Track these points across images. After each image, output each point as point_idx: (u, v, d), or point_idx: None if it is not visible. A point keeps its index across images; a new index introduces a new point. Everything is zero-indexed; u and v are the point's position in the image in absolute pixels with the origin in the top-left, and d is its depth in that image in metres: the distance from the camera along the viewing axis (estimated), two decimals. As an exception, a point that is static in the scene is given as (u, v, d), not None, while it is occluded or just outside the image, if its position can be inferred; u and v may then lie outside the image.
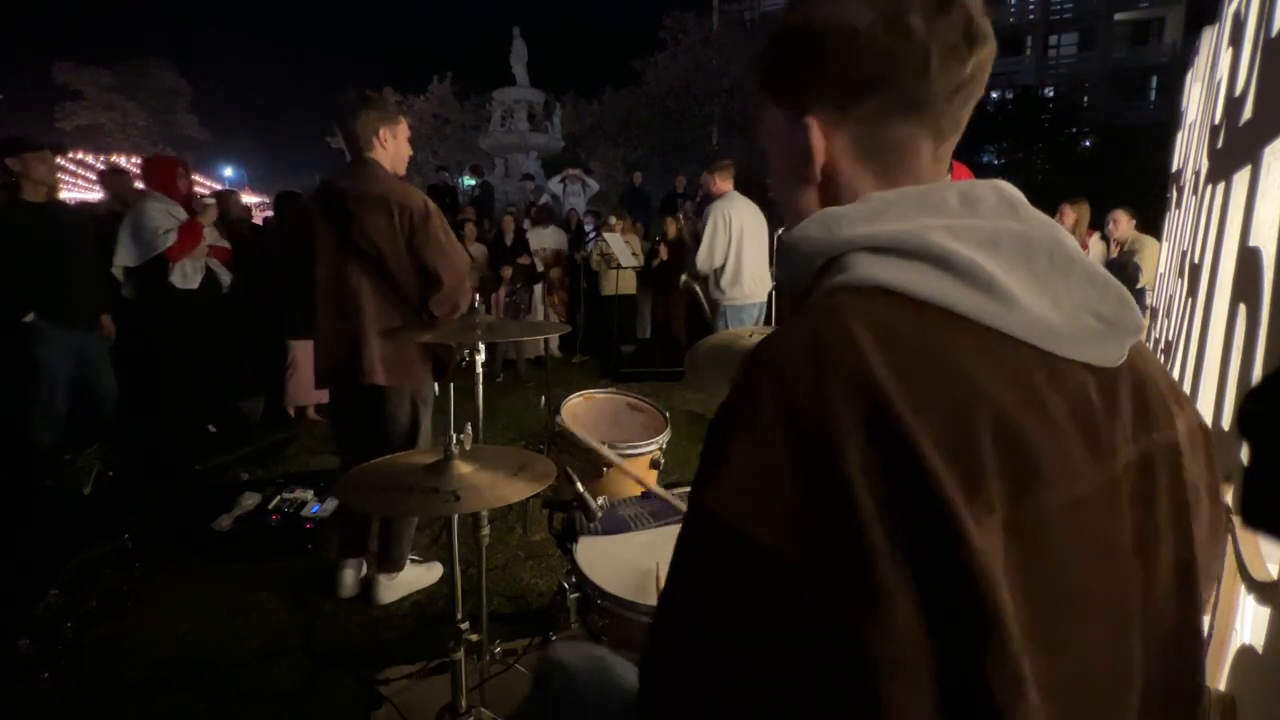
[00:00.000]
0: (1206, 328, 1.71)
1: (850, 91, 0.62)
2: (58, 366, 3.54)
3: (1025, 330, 0.54)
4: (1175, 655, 0.60)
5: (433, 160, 21.11)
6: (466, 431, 1.63)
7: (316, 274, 2.48)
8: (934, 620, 0.45)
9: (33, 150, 3.42)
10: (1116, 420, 0.57)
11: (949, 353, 0.51)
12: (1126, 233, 5.10)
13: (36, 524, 2.85)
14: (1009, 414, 0.50)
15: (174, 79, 28.42)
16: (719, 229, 4.26)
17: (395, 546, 2.66)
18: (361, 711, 2.07)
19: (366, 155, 2.48)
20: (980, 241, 0.56)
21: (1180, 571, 0.61)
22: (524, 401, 5.61)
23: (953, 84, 0.60)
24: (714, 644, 0.49)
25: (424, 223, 2.42)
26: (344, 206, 2.42)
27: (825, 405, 0.47)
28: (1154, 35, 26.03)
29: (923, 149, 0.63)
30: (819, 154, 0.64)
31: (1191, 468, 0.62)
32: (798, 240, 0.61)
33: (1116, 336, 0.58)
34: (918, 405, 0.48)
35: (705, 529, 0.51)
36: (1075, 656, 0.53)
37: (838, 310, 0.53)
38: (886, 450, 0.46)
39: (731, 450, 0.50)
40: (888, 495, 0.46)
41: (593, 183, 12.63)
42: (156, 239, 3.98)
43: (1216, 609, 1.09)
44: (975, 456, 0.48)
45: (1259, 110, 1.47)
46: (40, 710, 2.13)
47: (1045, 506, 0.51)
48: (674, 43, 21.42)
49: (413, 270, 2.45)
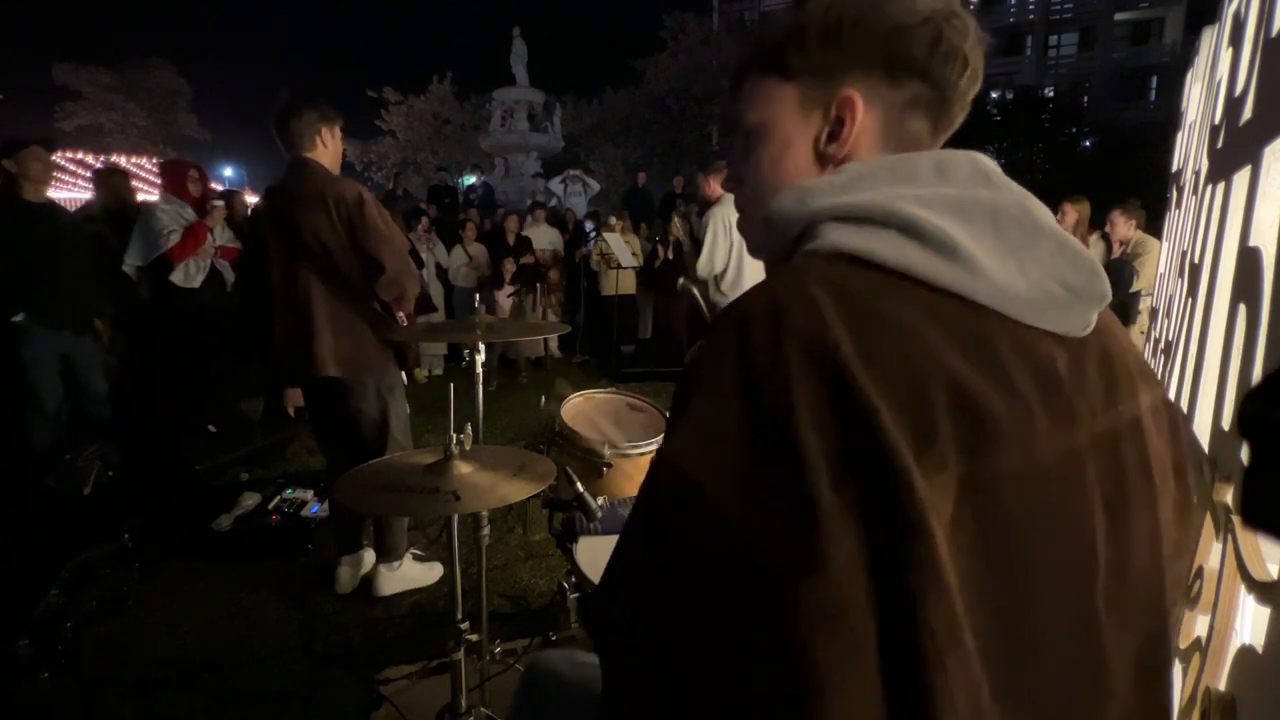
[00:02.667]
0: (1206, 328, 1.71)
1: (903, 70, 0.63)
2: (44, 367, 3.52)
3: (989, 297, 0.55)
4: (1145, 630, 0.60)
5: (433, 160, 21.12)
6: (466, 431, 1.63)
7: (270, 278, 2.51)
8: (876, 569, 0.46)
9: (26, 148, 3.41)
10: (1083, 391, 0.57)
11: (907, 317, 0.52)
12: (1126, 233, 5.07)
13: (36, 524, 2.85)
14: (965, 377, 0.51)
15: (174, 79, 28.39)
16: (719, 234, 4.27)
17: (389, 536, 2.68)
18: (361, 711, 2.07)
19: (305, 156, 2.50)
20: (949, 209, 0.57)
21: (1151, 546, 0.61)
22: (524, 401, 5.62)
23: (968, 94, 0.65)
24: (656, 582, 0.51)
25: (359, 211, 2.43)
26: (284, 208, 2.46)
27: (779, 360, 0.49)
28: (1154, 35, 26.03)
29: (927, 146, 0.66)
30: (856, 128, 0.64)
31: (1156, 444, 0.62)
32: (774, 212, 0.63)
33: (1081, 305, 0.58)
34: (872, 363, 0.49)
35: (660, 473, 0.54)
36: (1029, 621, 0.53)
37: (801, 273, 0.55)
38: (837, 404, 0.48)
39: (692, 401, 0.53)
40: (835, 446, 0.47)
41: (593, 183, 12.65)
42: (160, 239, 4.01)
43: (1216, 609, 1.09)
44: (928, 414, 0.49)
45: (1259, 110, 1.47)
46: (40, 710, 2.13)
47: (1001, 469, 0.51)
48: (674, 43, 21.44)
49: (357, 260, 2.47)
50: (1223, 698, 1.02)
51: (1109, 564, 0.57)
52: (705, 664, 0.49)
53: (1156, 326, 3.76)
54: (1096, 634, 0.57)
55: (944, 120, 0.66)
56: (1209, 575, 1.14)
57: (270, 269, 2.52)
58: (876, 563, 0.46)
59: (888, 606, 0.46)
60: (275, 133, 2.53)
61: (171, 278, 4.12)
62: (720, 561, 0.48)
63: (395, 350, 2.65)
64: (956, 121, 0.66)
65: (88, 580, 2.59)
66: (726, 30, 22.67)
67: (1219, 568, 1.09)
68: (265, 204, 2.56)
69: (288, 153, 2.52)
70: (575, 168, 14.01)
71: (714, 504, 0.48)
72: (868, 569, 0.46)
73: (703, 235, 4.35)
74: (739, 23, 24.15)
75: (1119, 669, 0.58)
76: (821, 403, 0.48)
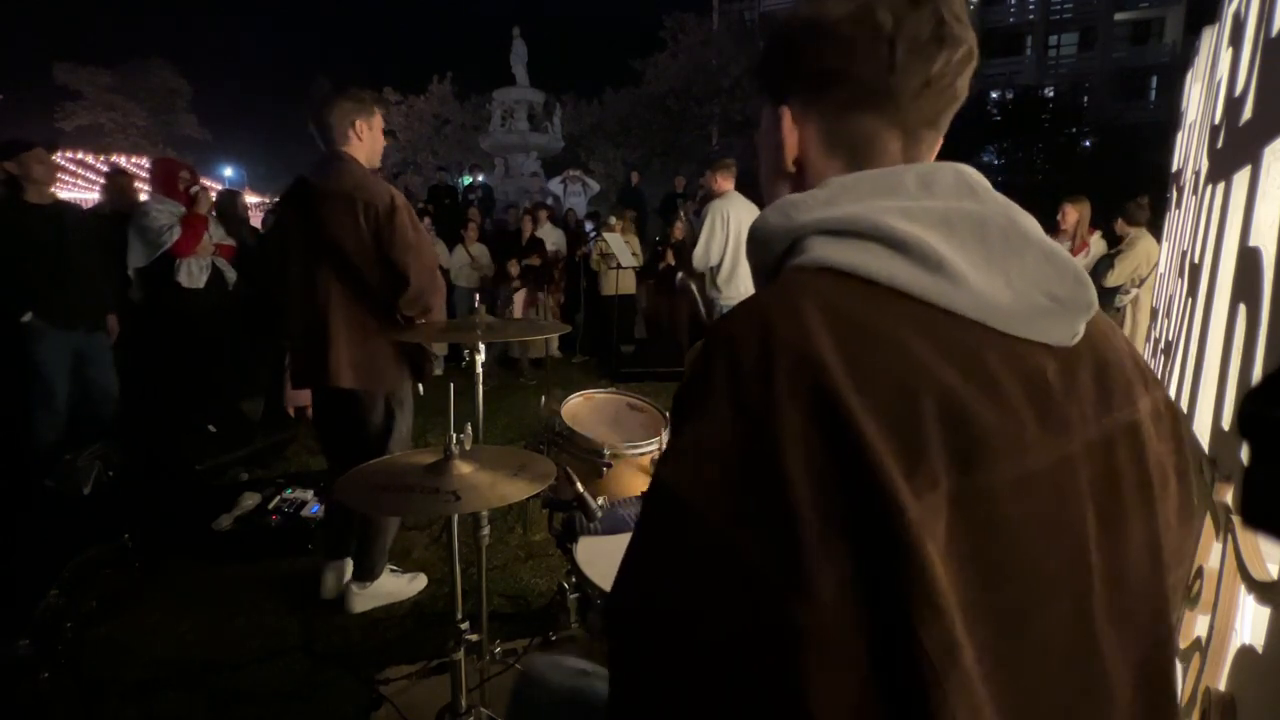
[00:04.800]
0: (1206, 328, 1.71)
1: (817, 81, 0.64)
2: (56, 367, 3.54)
3: (974, 309, 0.55)
4: (1146, 638, 0.60)
5: (433, 160, 21.11)
6: (466, 431, 1.63)
7: (289, 273, 2.43)
8: (866, 591, 0.46)
9: (28, 150, 3.42)
10: (1074, 399, 0.57)
11: (894, 331, 0.52)
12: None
13: (36, 524, 2.86)
14: (954, 391, 0.51)
15: (174, 79, 28.37)
16: (717, 227, 4.27)
17: (367, 557, 2.58)
18: (361, 711, 2.07)
19: (340, 149, 2.41)
20: (933, 222, 0.57)
21: (1151, 551, 0.61)
22: (524, 401, 5.62)
23: (919, 80, 0.61)
24: (655, 600, 0.52)
25: (390, 219, 2.32)
26: (310, 205, 2.37)
27: (767, 381, 0.49)
28: (1154, 35, 26.02)
29: (890, 145, 0.64)
30: (790, 144, 0.67)
31: (1157, 448, 0.62)
32: (759, 228, 0.63)
33: (1068, 315, 0.58)
34: (860, 382, 0.49)
35: (655, 496, 0.54)
36: (1028, 630, 0.53)
37: (787, 290, 0.55)
38: (825, 424, 0.48)
39: (685, 423, 0.54)
40: (823, 467, 0.47)
41: (593, 183, 12.65)
42: (161, 237, 4.01)
43: (1216, 609, 1.09)
44: (917, 432, 0.49)
45: (1259, 110, 1.47)
46: (40, 710, 2.13)
47: (993, 481, 0.51)
48: (674, 43, 21.41)
49: (381, 269, 2.37)
50: (1223, 698, 1.02)
51: (1104, 572, 0.57)
52: (704, 688, 0.49)
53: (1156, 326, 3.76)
54: (1095, 643, 0.56)
55: (906, 115, 0.63)
56: (1209, 575, 1.14)
57: (289, 263, 2.44)
58: (868, 585, 0.46)
59: (882, 629, 0.46)
60: (310, 123, 2.44)
61: (178, 278, 4.13)
62: (714, 586, 0.48)
63: (411, 362, 2.56)
64: (929, 116, 0.64)
65: (88, 580, 2.59)
66: (726, 30, 22.63)
67: (1219, 568, 1.09)
68: (290, 195, 2.47)
69: (323, 145, 2.44)
70: (575, 168, 14.00)
71: (706, 529, 0.49)
72: (858, 591, 0.46)
73: (700, 228, 4.36)
74: (739, 23, 24.09)
75: (1120, 678, 0.58)
76: (809, 426, 0.48)
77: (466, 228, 7.22)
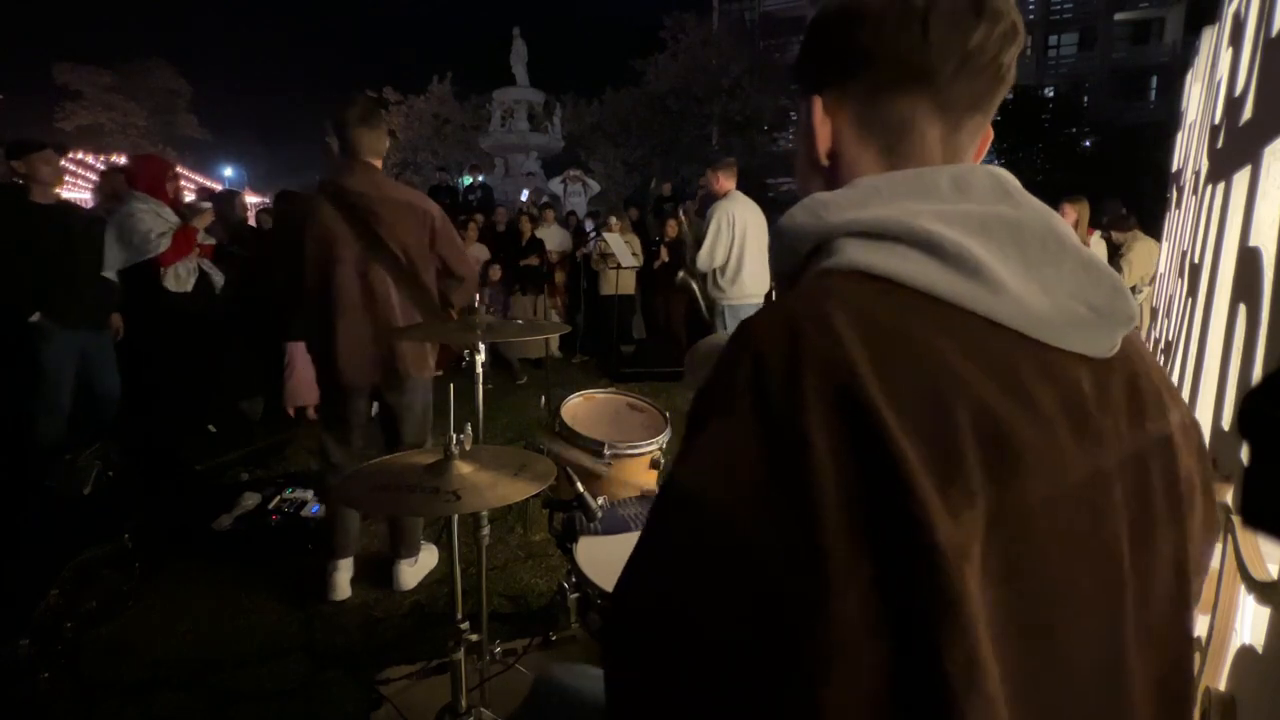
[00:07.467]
0: (1206, 328, 1.71)
1: (849, 64, 0.62)
2: (63, 366, 3.54)
3: (1011, 317, 0.53)
4: (1166, 653, 0.59)
5: (433, 160, 21.12)
6: (466, 431, 1.62)
7: (336, 277, 2.51)
8: (892, 605, 0.45)
9: (36, 151, 3.42)
10: (1108, 412, 0.56)
11: (929, 338, 0.50)
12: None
13: (36, 524, 2.85)
14: (990, 403, 0.49)
15: (174, 79, 28.42)
16: (723, 228, 4.25)
17: (411, 534, 2.78)
18: (361, 711, 2.07)
19: (371, 161, 2.56)
20: (970, 227, 0.55)
21: (1176, 567, 0.60)
22: (523, 401, 5.62)
23: (956, 54, 0.58)
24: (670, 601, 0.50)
25: (444, 225, 2.64)
26: (369, 209, 2.50)
27: (796, 388, 0.47)
28: (1154, 35, 26.04)
29: (928, 130, 0.61)
30: (822, 135, 0.64)
31: (1185, 461, 0.61)
32: (785, 227, 0.61)
33: (1107, 326, 0.56)
34: (892, 391, 0.47)
35: (673, 498, 0.52)
36: (1058, 649, 0.52)
37: (818, 293, 0.53)
38: (855, 434, 0.46)
39: (706, 427, 0.51)
40: (852, 478, 0.45)
41: (593, 183, 12.65)
42: (148, 243, 3.86)
43: (1216, 609, 1.09)
44: (953, 444, 0.47)
45: (1259, 110, 1.47)
46: (40, 710, 2.13)
47: (1029, 497, 0.50)
48: (674, 43, 21.43)
49: (433, 268, 2.64)
50: (1223, 698, 1.02)
51: (1135, 589, 0.56)
52: (711, 691, 0.48)
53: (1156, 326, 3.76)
54: (1123, 661, 0.55)
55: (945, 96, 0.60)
56: (1209, 575, 1.14)
57: (335, 267, 2.50)
58: (893, 602, 0.45)
59: (904, 646, 0.45)
60: (340, 130, 2.52)
61: (164, 283, 4.06)
62: (731, 592, 0.47)
63: (442, 349, 2.83)
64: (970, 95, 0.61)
65: (88, 580, 2.59)
66: (727, 30, 22.65)
67: (1219, 568, 1.09)
68: (334, 201, 2.50)
69: (343, 152, 2.54)
70: (575, 168, 14.00)
71: (726, 533, 0.47)
72: (882, 607, 0.44)
73: (705, 229, 4.34)
74: (739, 23, 24.15)
75: (1142, 697, 0.57)
76: (838, 434, 0.46)
77: (467, 228, 7.21)
